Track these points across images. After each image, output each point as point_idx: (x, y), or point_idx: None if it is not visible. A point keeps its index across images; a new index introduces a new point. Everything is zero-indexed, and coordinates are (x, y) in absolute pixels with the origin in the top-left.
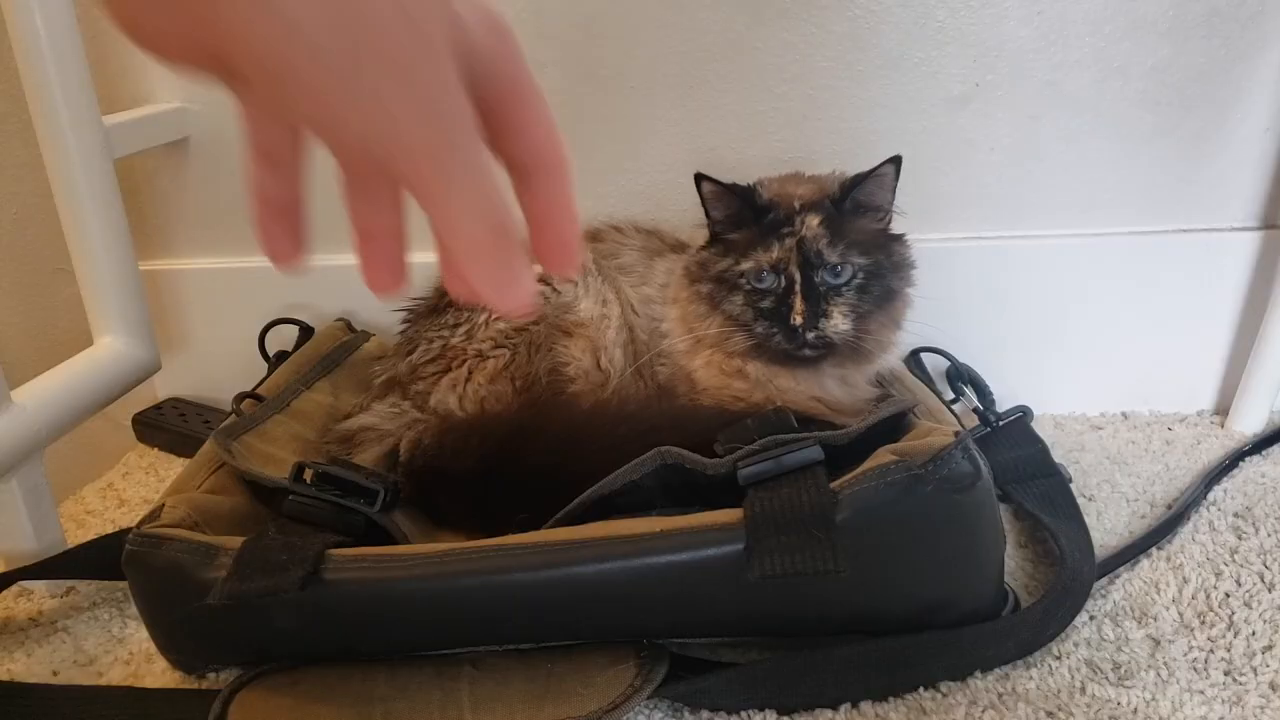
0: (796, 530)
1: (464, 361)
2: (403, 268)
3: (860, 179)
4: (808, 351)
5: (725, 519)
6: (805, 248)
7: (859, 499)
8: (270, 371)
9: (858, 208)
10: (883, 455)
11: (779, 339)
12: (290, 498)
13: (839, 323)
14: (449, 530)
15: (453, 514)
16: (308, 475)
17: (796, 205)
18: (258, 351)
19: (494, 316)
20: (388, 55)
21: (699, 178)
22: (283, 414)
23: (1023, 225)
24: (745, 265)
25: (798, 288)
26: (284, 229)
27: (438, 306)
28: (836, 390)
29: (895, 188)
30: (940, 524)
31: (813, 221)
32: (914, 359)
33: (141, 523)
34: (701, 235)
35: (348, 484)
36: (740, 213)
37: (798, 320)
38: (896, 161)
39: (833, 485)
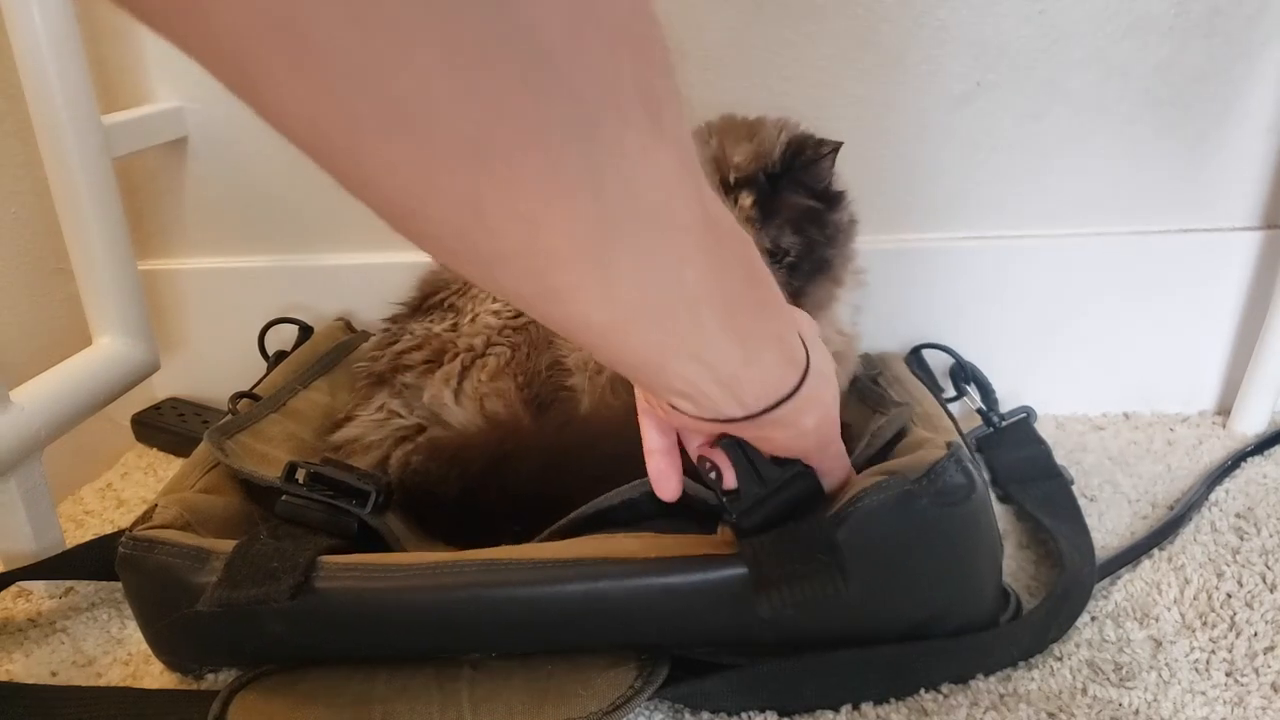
0: (800, 561)
1: (455, 355)
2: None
3: (802, 161)
4: None
5: (717, 547)
6: None
7: (855, 518)
8: (269, 371)
9: (795, 184)
10: (874, 475)
11: None
12: (283, 498)
13: None
14: (442, 538)
15: (443, 530)
16: (300, 475)
17: (732, 179)
18: (257, 351)
19: (479, 312)
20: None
21: None
22: (278, 413)
23: (1023, 225)
24: None
25: None
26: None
27: (420, 308)
28: None
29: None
30: (936, 538)
31: (746, 202)
32: (915, 356)
33: (134, 525)
34: None
35: (340, 484)
36: None
37: None
38: (837, 147)
39: (832, 511)
